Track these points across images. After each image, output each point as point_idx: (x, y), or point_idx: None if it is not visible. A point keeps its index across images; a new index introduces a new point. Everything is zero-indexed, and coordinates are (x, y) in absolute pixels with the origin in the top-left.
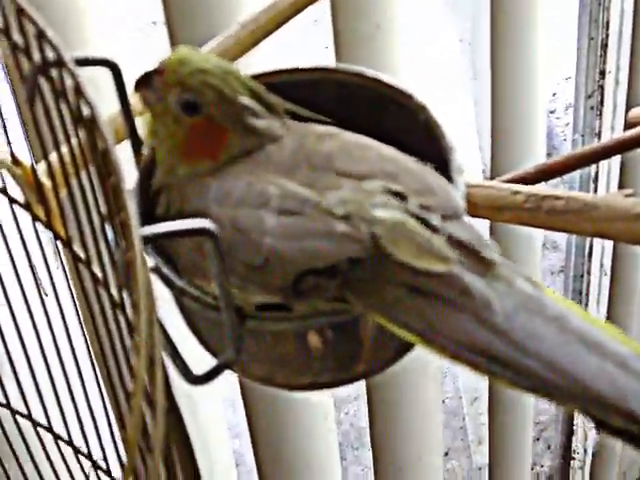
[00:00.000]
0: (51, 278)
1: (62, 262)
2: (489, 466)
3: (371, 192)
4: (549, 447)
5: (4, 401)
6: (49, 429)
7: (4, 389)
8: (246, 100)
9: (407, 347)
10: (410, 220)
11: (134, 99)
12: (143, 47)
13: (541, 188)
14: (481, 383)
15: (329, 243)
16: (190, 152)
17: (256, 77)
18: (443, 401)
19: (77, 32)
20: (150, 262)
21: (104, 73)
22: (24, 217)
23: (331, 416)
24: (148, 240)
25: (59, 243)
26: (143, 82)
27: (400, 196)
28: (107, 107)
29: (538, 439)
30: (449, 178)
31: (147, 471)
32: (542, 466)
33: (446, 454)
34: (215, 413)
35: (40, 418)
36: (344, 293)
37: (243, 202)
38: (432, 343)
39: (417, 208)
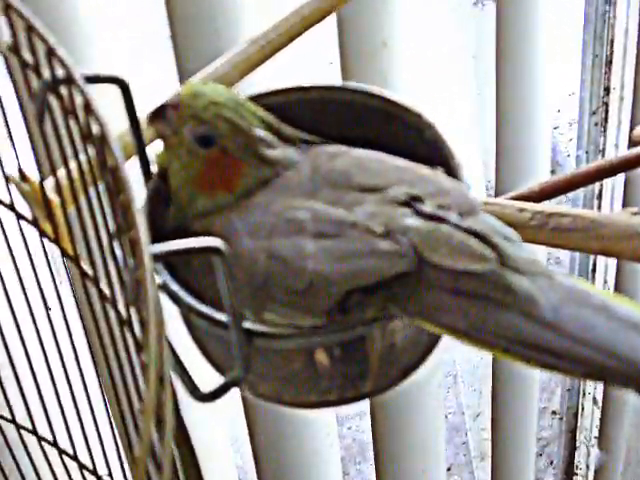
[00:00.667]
0: (58, 294)
1: (69, 278)
2: None
3: (394, 201)
4: (551, 463)
5: (9, 416)
6: (54, 444)
7: (9, 404)
8: (260, 132)
9: (414, 365)
10: (442, 225)
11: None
12: (148, 61)
13: (547, 205)
14: (484, 399)
15: (375, 261)
16: (206, 184)
17: (261, 96)
18: (446, 417)
19: (82, 47)
20: (158, 279)
21: (112, 90)
22: (32, 233)
23: (333, 431)
24: (157, 258)
25: (66, 260)
26: (157, 115)
27: (417, 199)
28: (116, 124)
29: (541, 455)
30: None
31: None
32: None
33: (449, 469)
34: (218, 428)
35: (45, 433)
36: (386, 304)
37: (276, 231)
38: (480, 342)
39: (435, 208)
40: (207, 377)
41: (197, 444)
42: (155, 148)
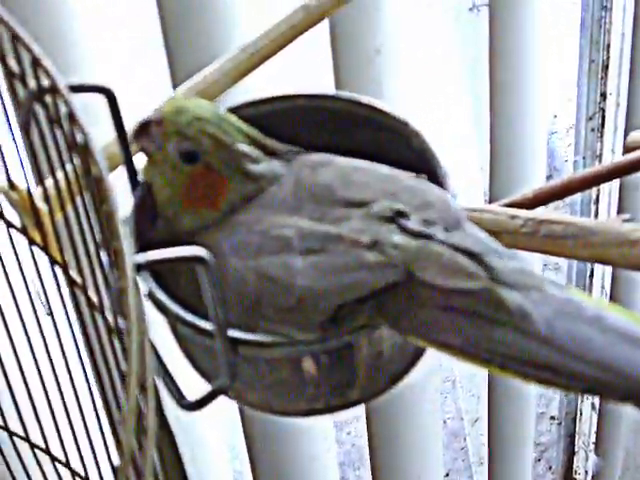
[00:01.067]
0: (48, 301)
1: (57, 286)
2: None
3: (380, 217)
4: (550, 468)
5: (1, 423)
6: (46, 451)
7: (1, 411)
8: (244, 147)
9: (402, 373)
10: (431, 243)
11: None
12: (142, 66)
13: (539, 212)
14: (482, 404)
15: (364, 274)
16: (191, 200)
17: (248, 105)
18: (445, 422)
19: (72, 56)
20: (144, 288)
21: (102, 99)
22: (21, 241)
23: (331, 436)
24: (142, 267)
25: (55, 268)
26: (141, 131)
27: (402, 215)
28: (104, 133)
29: (539, 460)
30: None
31: None
32: None
33: (447, 475)
34: (215, 433)
35: (37, 440)
36: (376, 319)
37: (263, 250)
38: (475, 359)
39: (420, 225)
40: (198, 386)
41: (195, 449)
42: (142, 158)
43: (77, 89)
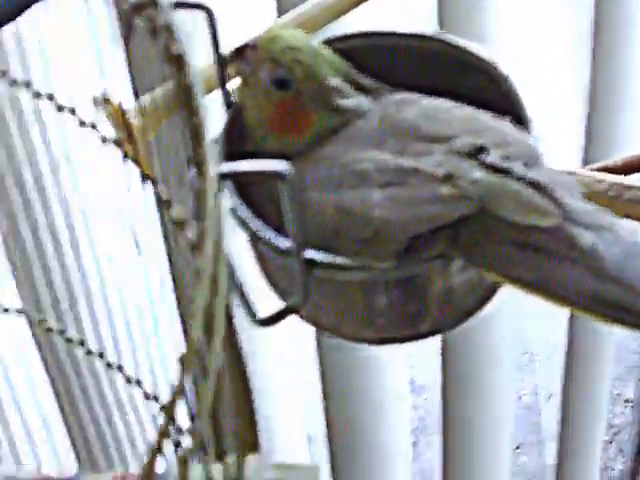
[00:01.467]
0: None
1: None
2: (557, 464)
3: (461, 152)
4: (621, 450)
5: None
6: (119, 369)
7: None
8: (334, 80)
9: (473, 309)
10: (508, 180)
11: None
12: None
13: (626, 178)
14: (558, 380)
15: (438, 206)
16: (277, 126)
17: (340, 39)
18: (520, 397)
19: None
20: (228, 204)
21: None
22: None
23: (407, 399)
24: (225, 176)
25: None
26: (237, 54)
27: (483, 150)
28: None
29: (611, 442)
30: None
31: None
32: (613, 469)
33: (517, 448)
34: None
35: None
36: (451, 251)
37: (343, 184)
38: (547, 294)
39: (499, 159)
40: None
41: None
42: (237, 81)
43: (177, 5)
